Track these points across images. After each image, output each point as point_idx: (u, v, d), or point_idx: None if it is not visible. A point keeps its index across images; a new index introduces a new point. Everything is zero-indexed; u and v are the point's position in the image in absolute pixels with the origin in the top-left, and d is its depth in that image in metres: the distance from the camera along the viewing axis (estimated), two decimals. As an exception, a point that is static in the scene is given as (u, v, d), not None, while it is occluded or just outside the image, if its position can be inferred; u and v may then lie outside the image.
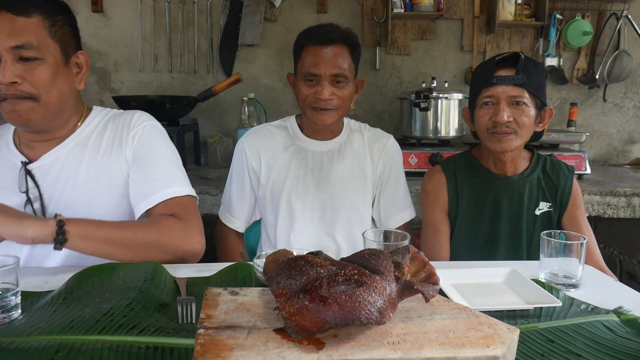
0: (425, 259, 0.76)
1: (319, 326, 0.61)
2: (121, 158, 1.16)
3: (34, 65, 1.01)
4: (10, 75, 0.98)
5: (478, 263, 1.15)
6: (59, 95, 1.07)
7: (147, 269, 0.99)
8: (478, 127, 1.37)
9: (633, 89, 2.73)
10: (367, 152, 1.51)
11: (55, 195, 1.12)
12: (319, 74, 1.35)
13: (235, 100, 2.52)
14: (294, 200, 1.45)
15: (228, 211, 1.53)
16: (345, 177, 1.47)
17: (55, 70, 1.04)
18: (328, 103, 1.37)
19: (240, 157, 1.52)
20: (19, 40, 0.98)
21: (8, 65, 0.98)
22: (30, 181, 1.10)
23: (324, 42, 1.35)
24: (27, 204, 1.09)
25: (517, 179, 1.41)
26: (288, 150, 1.49)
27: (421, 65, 2.69)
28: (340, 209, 1.46)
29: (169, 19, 2.59)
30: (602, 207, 2.07)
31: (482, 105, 1.34)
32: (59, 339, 0.73)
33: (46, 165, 1.13)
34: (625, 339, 0.79)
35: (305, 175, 1.47)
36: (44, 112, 1.05)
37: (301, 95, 1.40)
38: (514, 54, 1.33)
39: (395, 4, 2.52)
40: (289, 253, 0.82)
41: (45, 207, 1.10)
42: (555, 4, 2.60)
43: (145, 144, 1.17)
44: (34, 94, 1.02)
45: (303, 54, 1.38)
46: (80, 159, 1.14)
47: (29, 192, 1.10)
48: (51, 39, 1.04)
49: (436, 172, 1.47)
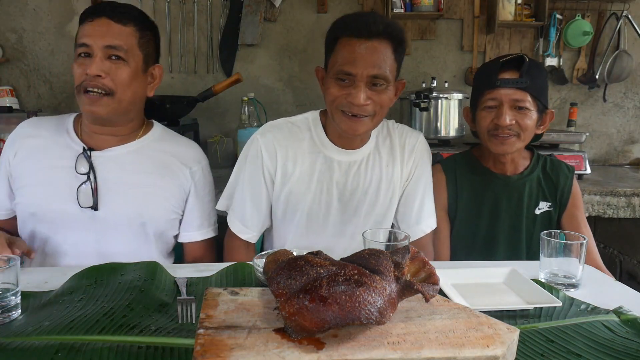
0: (425, 259, 0.76)
1: (319, 326, 0.61)
2: (183, 180, 1.30)
3: (118, 65, 1.16)
4: (98, 69, 1.13)
5: (478, 263, 1.15)
6: (132, 96, 1.20)
7: (147, 269, 0.99)
8: (479, 128, 1.37)
9: (633, 89, 2.73)
10: (398, 154, 1.35)
11: (110, 188, 1.22)
12: (354, 74, 1.14)
13: (235, 100, 2.52)
14: (314, 215, 1.31)
15: (241, 221, 1.33)
16: (372, 190, 1.32)
17: (134, 74, 1.19)
18: (362, 109, 1.17)
19: (256, 158, 1.30)
20: (113, 41, 1.14)
21: (97, 61, 1.13)
22: (89, 167, 1.20)
23: (363, 35, 1.14)
24: (85, 183, 1.19)
25: (517, 179, 1.41)
26: (311, 157, 1.30)
27: (421, 65, 2.69)
28: (362, 224, 1.33)
29: (169, 19, 2.59)
30: (602, 207, 2.07)
31: (484, 107, 1.34)
32: (59, 339, 0.73)
33: (107, 157, 1.23)
34: (625, 339, 0.79)
35: (330, 189, 1.31)
36: (116, 107, 1.18)
37: (330, 96, 1.19)
38: (518, 56, 1.31)
39: (395, 4, 2.51)
40: (289, 253, 0.82)
41: (98, 194, 1.20)
42: (555, 4, 2.60)
43: (204, 183, 1.36)
44: (112, 89, 1.15)
45: (337, 47, 1.18)
46: (144, 163, 1.26)
47: (89, 175, 1.20)
48: (138, 48, 1.19)
49: (436, 172, 1.47)
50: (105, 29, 1.14)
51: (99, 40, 1.13)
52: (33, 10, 2.54)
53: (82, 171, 1.20)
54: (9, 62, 2.57)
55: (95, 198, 1.19)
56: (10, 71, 2.58)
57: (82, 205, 1.19)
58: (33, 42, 2.56)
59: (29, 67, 2.58)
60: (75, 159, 1.21)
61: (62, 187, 1.20)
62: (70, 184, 1.19)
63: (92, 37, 1.14)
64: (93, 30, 1.14)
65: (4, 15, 2.53)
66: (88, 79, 1.13)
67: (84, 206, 1.19)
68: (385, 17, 1.19)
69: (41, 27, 2.55)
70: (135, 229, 1.24)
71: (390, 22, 1.19)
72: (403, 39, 1.20)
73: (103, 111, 1.16)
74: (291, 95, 2.69)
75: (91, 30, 1.14)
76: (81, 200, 1.18)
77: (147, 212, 1.24)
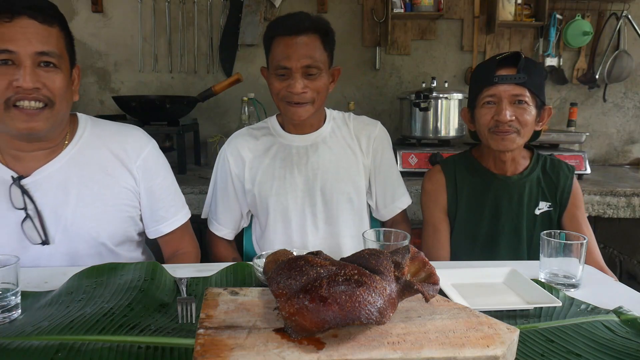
0: (425, 259, 0.76)
1: (319, 326, 0.61)
2: (127, 180, 1.18)
3: (52, 72, 1.02)
4: (34, 81, 0.98)
5: (478, 263, 1.15)
6: (67, 104, 1.09)
7: (147, 269, 0.99)
8: (479, 126, 1.37)
9: (633, 89, 2.73)
10: (355, 142, 1.46)
11: (57, 212, 1.10)
12: (290, 67, 1.28)
13: (235, 100, 2.52)
14: (283, 199, 1.42)
15: (216, 220, 1.49)
16: (333, 167, 1.42)
17: (67, 80, 1.07)
18: (301, 97, 1.30)
19: (223, 165, 1.46)
20: (44, 47, 0.99)
21: (29, 71, 0.98)
22: (25, 197, 1.07)
23: (293, 32, 1.28)
24: (25, 221, 1.06)
25: (517, 179, 1.41)
26: (271, 149, 1.44)
27: (421, 65, 2.69)
28: (332, 201, 1.42)
29: (169, 19, 2.59)
30: (602, 207, 2.07)
31: (483, 105, 1.34)
32: (59, 339, 0.73)
33: (40, 180, 1.09)
34: (625, 339, 0.79)
35: (292, 172, 1.42)
36: (54, 119, 1.05)
37: (274, 90, 1.34)
38: (514, 53, 1.32)
39: (395, 4, 2.52)
40: (289, 253, 0.82)
41: (45, 225, 1.08)
42: (555, 4, 2.60)
43: (153, 172, 1.23)
44: (52, 100, 1.03)
45: (273, 46, 1.32)
46: (79, 174, 1.13)
47: (27, 209, 1.07)
48: (65, 51, 1.07)
49: (436, 172, 1.47)
50: (32, 32, 0.98)
51: (26, 46, 0.97)
52: (33, 10, 2.54)
53: (20, 205, 1.06)
54: (9, 62, 2.56)
55: (44, 232, 1.07)
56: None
57: (33, 242, 1.07)
58: (33, 42, 2.56)
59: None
60: (8, 193, 1.06)
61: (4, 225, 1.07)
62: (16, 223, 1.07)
63: (16, 41, 0.97)
64: (16, 33, 0.97)
65: (4, 15, 2.53)
66: (20, 92, 0.98)
67: (35, 243, 1.07)
68: (311, 14, 1.34)
69: (41, 27, 2.55)
70: (95, 250, 1.16)
71: (316, 17, 1.33)
72: (329, 30, 1.35)
73: (43, 126, 1.02)
74: (291, 95, 2.69)
75: (13, 33, 0.97)
76: (30, 237, 1.06)
77: (103, 231, 1.15)
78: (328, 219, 1.44)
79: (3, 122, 1.01)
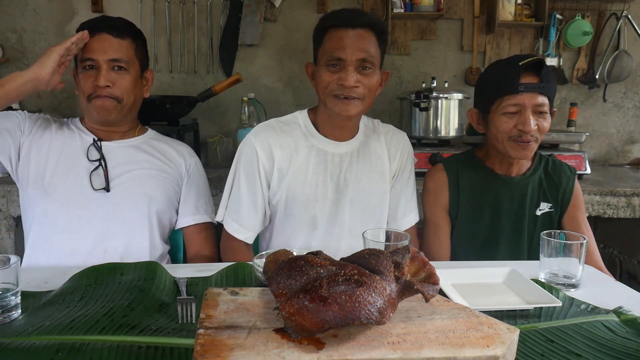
0: (425, 259, 0.76)
1: (319, 326, 0.61)
2: (179, 170, 1.46)
3: (122, 75, 1.34)
4: (106, 80, 1.30)
5: (478, 263, 1.15)
6: (134, 99, 1.38)
7: (147, 269, 0.99)
8: (498, 133, 1.33)
9: (633, 89, 2.73)
10: (385, 152, 1.42)
11: (119, 172, 1.37)
12: (344, 58, 1.22)
13: (235, 100, 2.52)
14: (311, 207, 1.34)
15: (237, 221, 1.35)
16: (364, 181, 1.37)
17: (135, 81, 1.37)
18: (353, 91, 1.24)
19: (251, 157, 1.33)
20: (115, 55, 1.32)
21: (104, 73, 1.30)
22: (99, 155, 1.37)
23: (350, 25, 1.24)
24: (97, 168, 1.34)
25: (518, 179, 1.41)
26: (304, 151, 1.34)
27: (421, 65, 2.68)
28: (359, 215, 1.37)
29: (169, 19, 2.59)
30: (602, 207, 2.07)
31: (505, 113, 1.31)
32: (59, 339, 0.73)
33: (113, 147, 1.40)
34: (625, 339, 0.79)
35: (325, 181, 1.35)
36: (122, 110, 1.36)
37: (322, 83, 1.27)
38: (537, 60, 1.29)
39: (395, 4, 2.51)
40: (289, 253, 0.82)
41: (109, 179, 1.35)
42: (555, 4, 2.59)
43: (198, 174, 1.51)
44: (119, 97, 1.33)
45: (326, 38, 1.27)
46: (143, 153, 1.43)
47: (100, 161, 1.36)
48: (135, 57, 1.37)
49: (438, 171, 1.47)
50: (107, 44, 1.32)
51: (103, 55, 1.31)
52: (33, 11, 2.54)
53: (93, 158, 1.36)
54: (9, 62, 2.57)
55: (107, 181, 1.34)
56: (11, 71, 2.56)
57: (95, 187, 1.33)
58: (33, 42, 2.56)
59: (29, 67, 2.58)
60: (87, 149, 1.37)
61: (76, 171, 1.34)
62: (86, 170, 1.34)
63: (96, 52, 1.31)
64: (96, 46, 1.32)
65: (4, 16, 2.53)
66: (99, 90, 1.31)
67: (97, 188, 1.33)
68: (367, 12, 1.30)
69: (41, 27, 2.55)
70: (141, 207, 1.36)
71: (373, 15, 1.31)
72: (385, 30, 1.31)
73: (112, 114, 1.35)
74: (291, 95, 2.69)
75: (95, 46, 1.32)
76: (94, 183, 1.33)
77: (151, 190, 1.38)
78: (351, 230, 1.38)
79: (87, 111, 1.36)
